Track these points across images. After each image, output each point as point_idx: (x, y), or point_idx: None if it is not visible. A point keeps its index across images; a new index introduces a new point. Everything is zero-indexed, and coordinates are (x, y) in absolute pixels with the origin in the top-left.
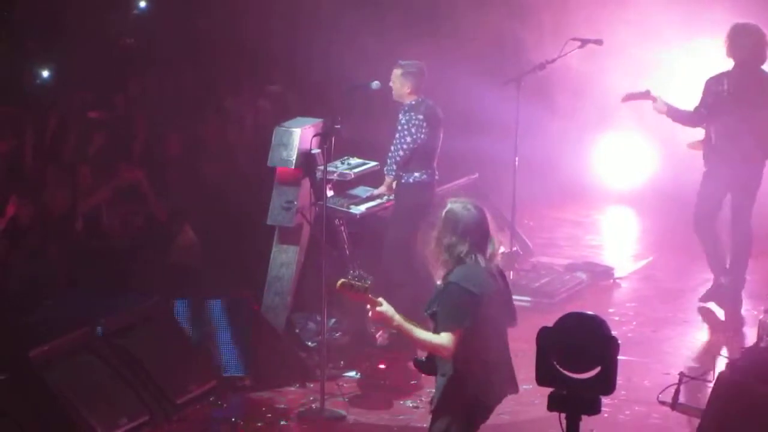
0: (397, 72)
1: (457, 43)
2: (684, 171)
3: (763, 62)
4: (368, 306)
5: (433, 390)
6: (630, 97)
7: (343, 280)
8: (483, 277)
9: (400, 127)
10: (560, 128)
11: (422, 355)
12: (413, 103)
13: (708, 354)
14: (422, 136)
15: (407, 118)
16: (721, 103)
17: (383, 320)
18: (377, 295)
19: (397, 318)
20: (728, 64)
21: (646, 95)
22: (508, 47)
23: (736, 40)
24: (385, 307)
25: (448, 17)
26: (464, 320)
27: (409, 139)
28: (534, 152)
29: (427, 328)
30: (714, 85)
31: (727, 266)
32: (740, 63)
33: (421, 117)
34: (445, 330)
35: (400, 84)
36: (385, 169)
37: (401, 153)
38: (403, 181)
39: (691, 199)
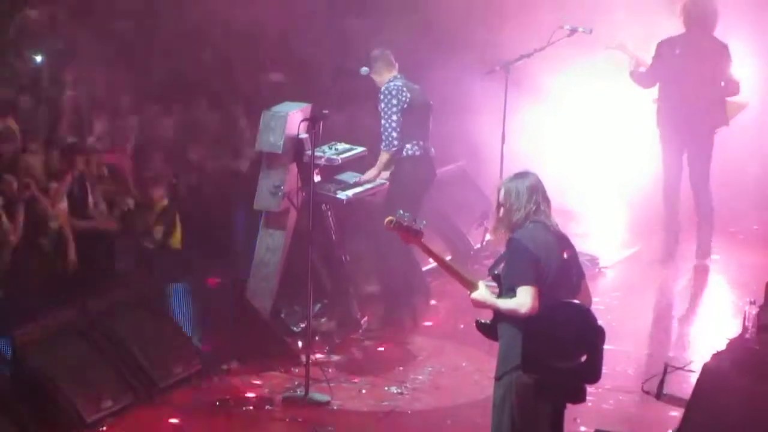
0: (372, 62)
1: (445, 30)
2: None
3: (713, 30)
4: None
5: (417, 376)
6: (607, 46)
7: (391, 217)
8: (544, 239)
9: (383, 97)
10: (547, 116)
11: (486, 317)
12: (391, 78)
13: (693, 344)
14: (405, 98)
15: (386, 90)
16: (670, 67)
17: (481, 304)
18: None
19: (491, 299)
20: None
21: (621, 47)
22: (495, 34)
23: (691, 9)
24: (481, 291)
25: (437, 6)
26: (529, 275)
27: (395, 101)
28: (520, 140)
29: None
30: (665, 48)
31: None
32: (693, 29)
33: (399, 84)
34: (516, 285)
35: (376, 69)
36: (382, 145)
37: (394, 120)
38: (396, 156)
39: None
